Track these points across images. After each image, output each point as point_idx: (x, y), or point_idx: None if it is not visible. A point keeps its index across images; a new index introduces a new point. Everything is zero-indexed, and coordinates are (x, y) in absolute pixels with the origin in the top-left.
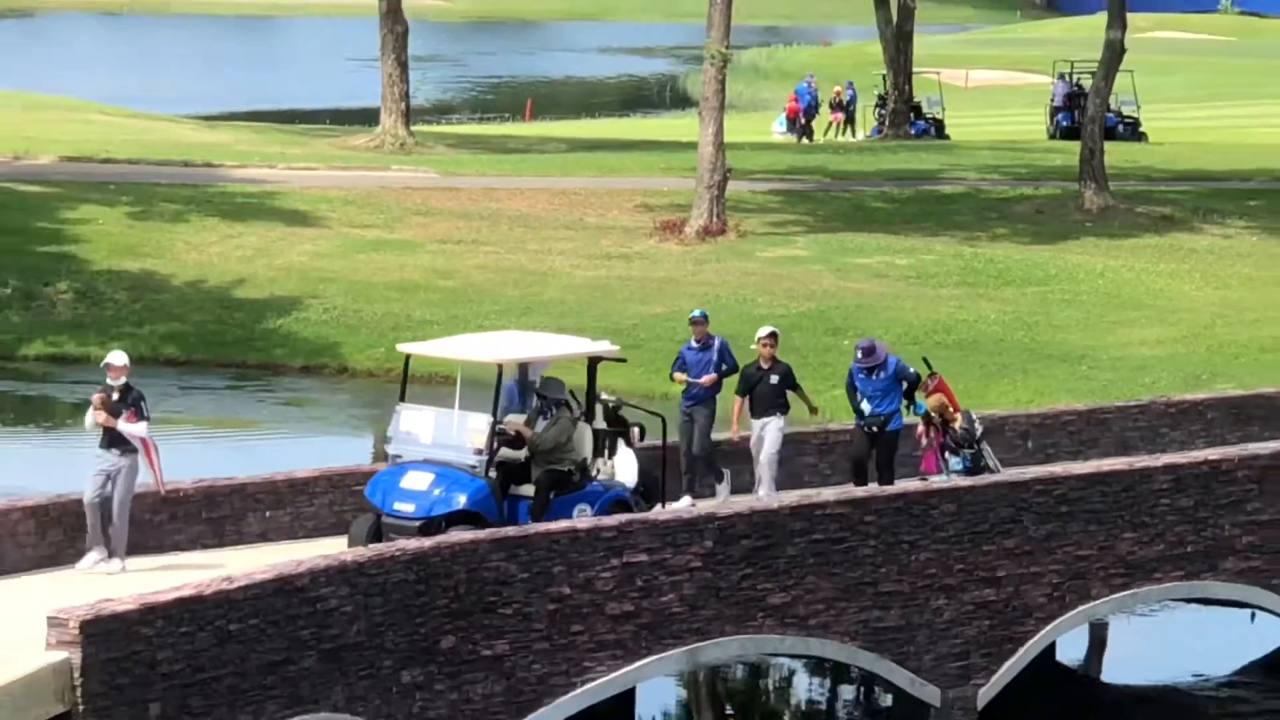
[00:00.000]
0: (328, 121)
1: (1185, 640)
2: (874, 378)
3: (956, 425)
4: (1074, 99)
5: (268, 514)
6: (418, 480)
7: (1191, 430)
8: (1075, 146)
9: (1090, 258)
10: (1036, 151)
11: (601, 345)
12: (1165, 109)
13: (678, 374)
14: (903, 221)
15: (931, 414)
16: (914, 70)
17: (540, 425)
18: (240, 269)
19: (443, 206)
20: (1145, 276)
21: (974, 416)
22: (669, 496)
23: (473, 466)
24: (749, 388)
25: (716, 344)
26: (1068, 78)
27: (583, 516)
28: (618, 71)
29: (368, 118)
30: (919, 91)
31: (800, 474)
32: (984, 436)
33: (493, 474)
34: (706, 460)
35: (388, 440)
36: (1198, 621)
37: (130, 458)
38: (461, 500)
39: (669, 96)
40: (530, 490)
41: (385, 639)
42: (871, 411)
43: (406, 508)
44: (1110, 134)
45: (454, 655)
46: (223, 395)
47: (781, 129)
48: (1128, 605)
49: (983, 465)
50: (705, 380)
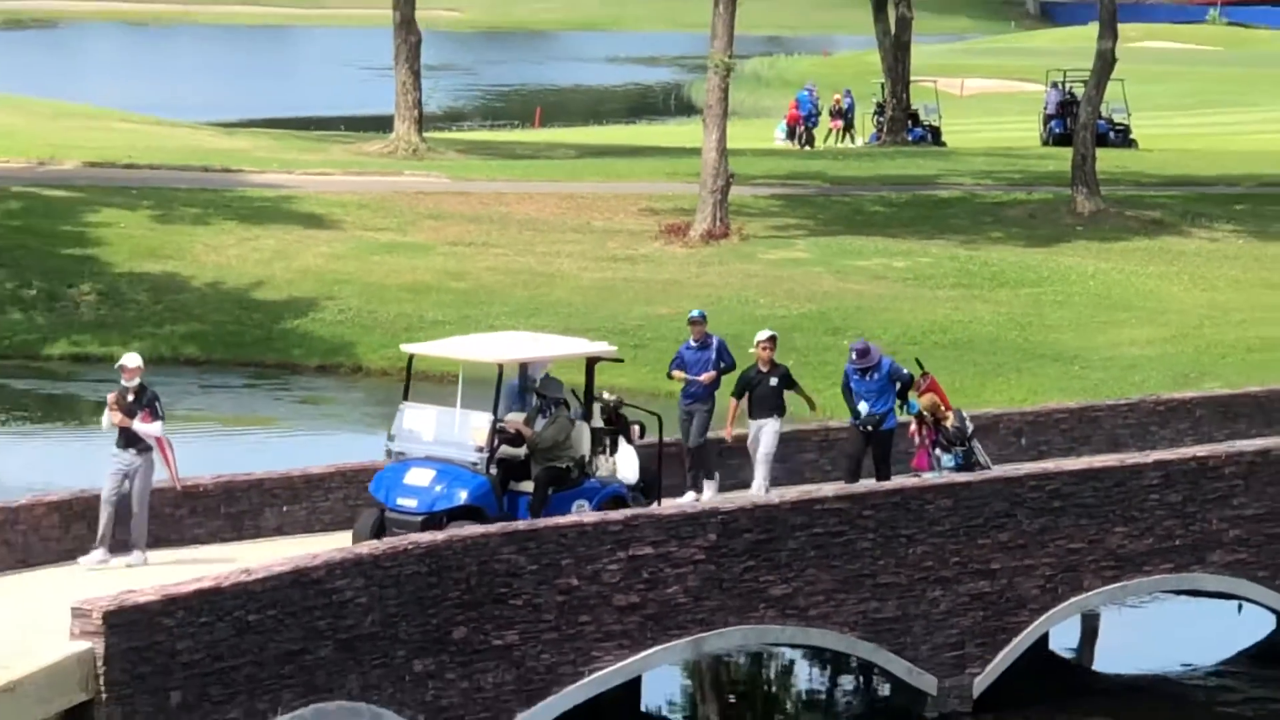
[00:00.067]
0: (343, 128)
1: (1174, 631)
2: (868, 378)
3: (948, 424)
4: (1066, 107)
5: (284, 509)
6: (420, 477)
7: (1180, 428)
8: (1067, 153)
9: (1082, 260)
10: (1030, 157)
11: (599, 346)
12: (1155, 116)
13: (676, 372)
14: (900, 225)
15: (924, 413)
16: (911, 79)
17: (539, 424)
18: (258, 271)
19: (454, 210)
20: (1135, 278)
21: (965, 415)
22: (669, 492)
23: (474, 463)
24: (748, 390)
25: (715, 343)
26: (1060, 86)
27: (581, 512)
28: (624, 80)
29: (382, 124)
30: (916, 99)
31: (801, 470)
32: (975, 434)
33: (493, 471)
34: (701, 455)
35: (391, 438)
36: (1186, 613)
37: (146, 456)
38: (463, 496)
39: (674, 104)
40: (530, 486)
41: (399, 629)
42: (868, 412)
43: (409, 503)
44: (1101, 140)
45: (465, 645)
46: (241, 393)
47: (783, 136)
48: (1118, 597)
49: (974, 462)
50: (704, 378)
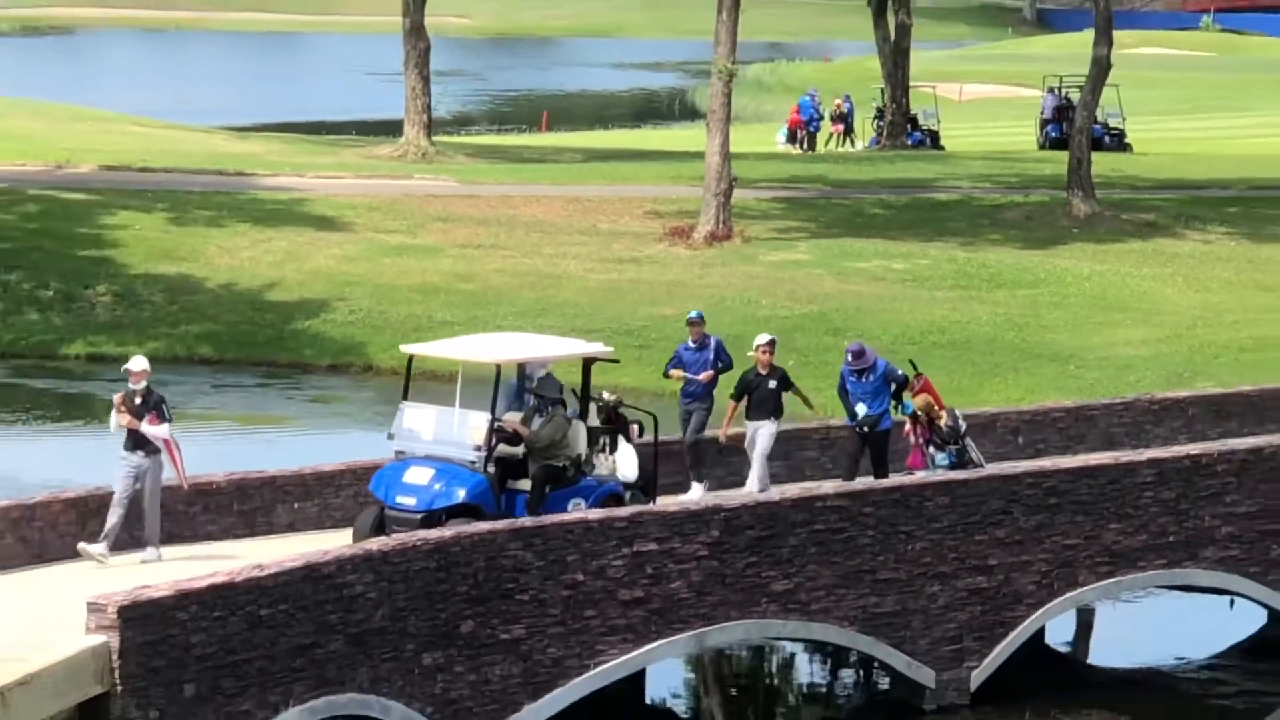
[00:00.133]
0: (354, 132)
1: (1168, 625)
2: (864, 380)
3: (942, 423)
4: (1062, 111)
5: (296, 505)
6: (419, 475)
7: (1174, 426)
8: (1064, 156)
9: (1078, 262)
10: (1027, 161)
11: (595, 347)
12: (1149, 121)
13: (674, 371)
14: (900, 228)
15: (918, 413)
16: (911, 84)
17: (536, 423)
18: (271, 272)
19: (463, 213)
20: (1130, 280)
21: (958, 414)
22: (668, 490)
23: (472, 462)
24: (746, 392)
25: (713, 343)
26: (1057, 91)
27: (577, 510)
28: (629, 85)
29: (392, 129)
30: (915, 104)
31: (802, 468)
32: (968, 432)
33: (491, 469)
34: (697, 454)
35: (390, 436)
36: (1180, 608)
37: (155, 458)
38: (461, 494)
39: (678, 109)
40: (527, 485)
41: (408, 623)
42: (865, 413)
43: (408, 501)
44: (1097, 145)
45: (473, 639)
46: (254, 393)
47: (784, 140)
48: (1113, 592)
49: (967, 460)
50: (703, 377)
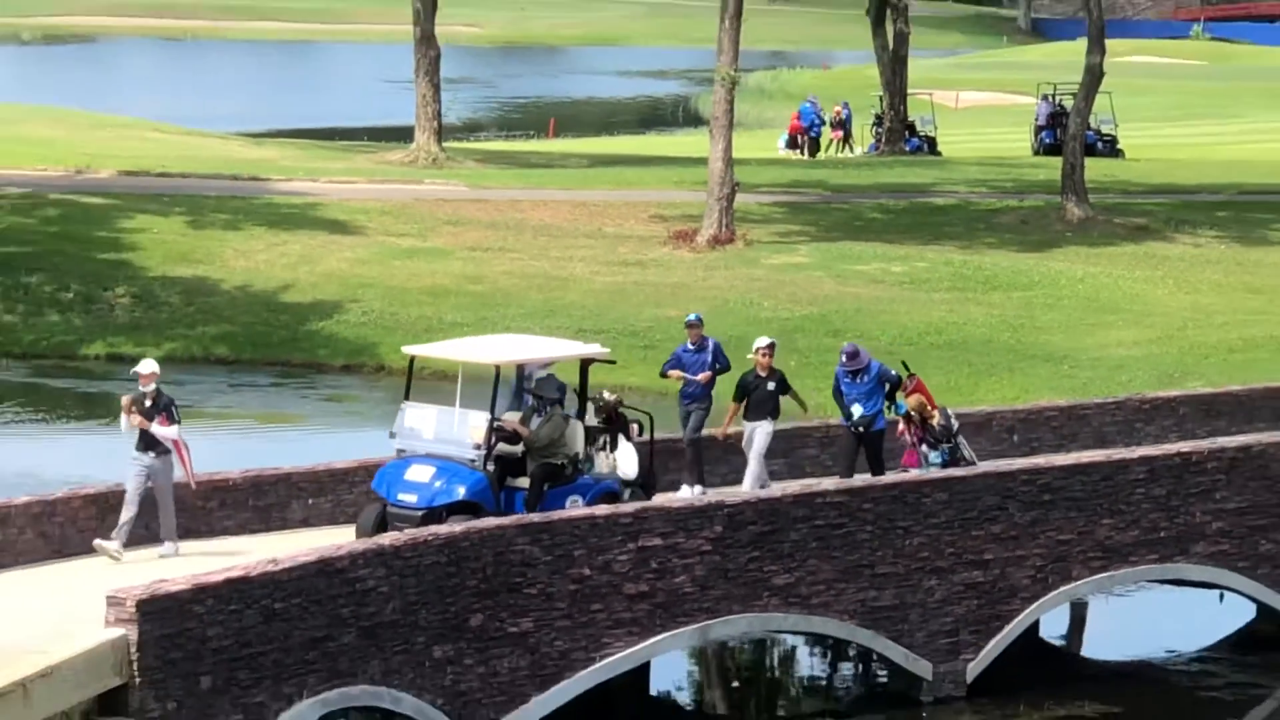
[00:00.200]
0: (366, 138)
1: (1159, 619)
2: (858, 381)
3: (934, 422)
4: (1056, 118)
5: (310, 501)
6: (420, 473)
7: (1164, 425)
8: (1057, 162)
9: (1071, 265)
10: (1022, 167)
11: (592, 348)
12: (1141, 127)
13: (672, 371)
14: (898, 231)
15: (911, 413)
16: (908, 91)
17: (535, 423)
18: (285, 275)
19: (472, 217)
20: (1122, 282)
21: (950, 413)
22: (665, 486)
23: (472, 460)
24: (745, 394)
25: (710, 345)
26: (1051, 99)
27: (575, 506)
28: (635, 92)
29: (403, 135)
30: (913, 111)
31: (802, 465)
32: (960, 431)
33: (490, 467)
34: (696, 452)
35: (392, 435)
36: (1170, 601)
37: (165, 458)
38: (461, 492)
39: (682, 116)
40: (526, 482)
41: (419, 617)
42: (860, 414)
43: (410, 498)
44: (1090, 150)
45: (482, 632)
46: (269, 392)
47: (784, 146)
48: (1106, 586)
49: (959, 457)
50: (701, 378)
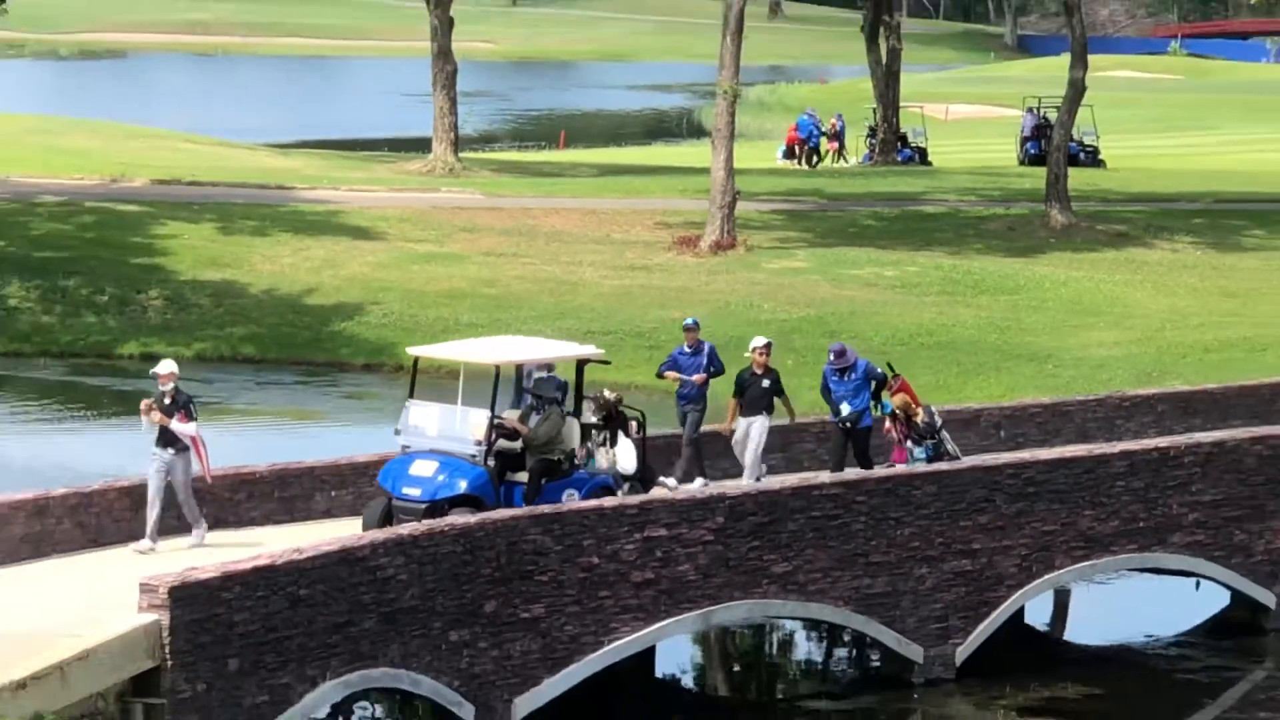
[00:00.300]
0: (386, 149)
1: (1138, 605)
2: (846, 378)
3: (919, 419)
4: (1041, 130)
5: (333, 493)
6: (424, 468)
7: (1144, 421)
8: (1042, 172)
9: (1055, 269)
10: (1008, 176)
11: (588, 349)
12: (1122, 139)
13: (668, 373)
14: (891, 237)
15: (896, 411)
16: (901, 104)
17: (534, 420)
18: (309, 279)
19: (487, 224)
20: (1103, 286)
21: (934, 410)
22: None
23: (473, 456)
24: (741, 390)
25: (706, 348)
26: (1036, 111)
27: (571, 500)
28: (641, 105)
29: (421, 146)
30: (905, 123)
31: (800, 459)
32: (943, 427)
33: (491, 463)
34: (694, 450)
35: (397, 432)
36: (1149, 589)
37: (184, 454)
38: (463, 486)
39: (686, 127)
40: (525, 477)
41: (436, 603)
42: (849, 411)
43: (414, 492)
44: (1073, 161)
45: (496, 617)
46: (294, 389)
47: (782, 156)
48: (1087, 574)
49: (943, 452)
50: (696, 379)
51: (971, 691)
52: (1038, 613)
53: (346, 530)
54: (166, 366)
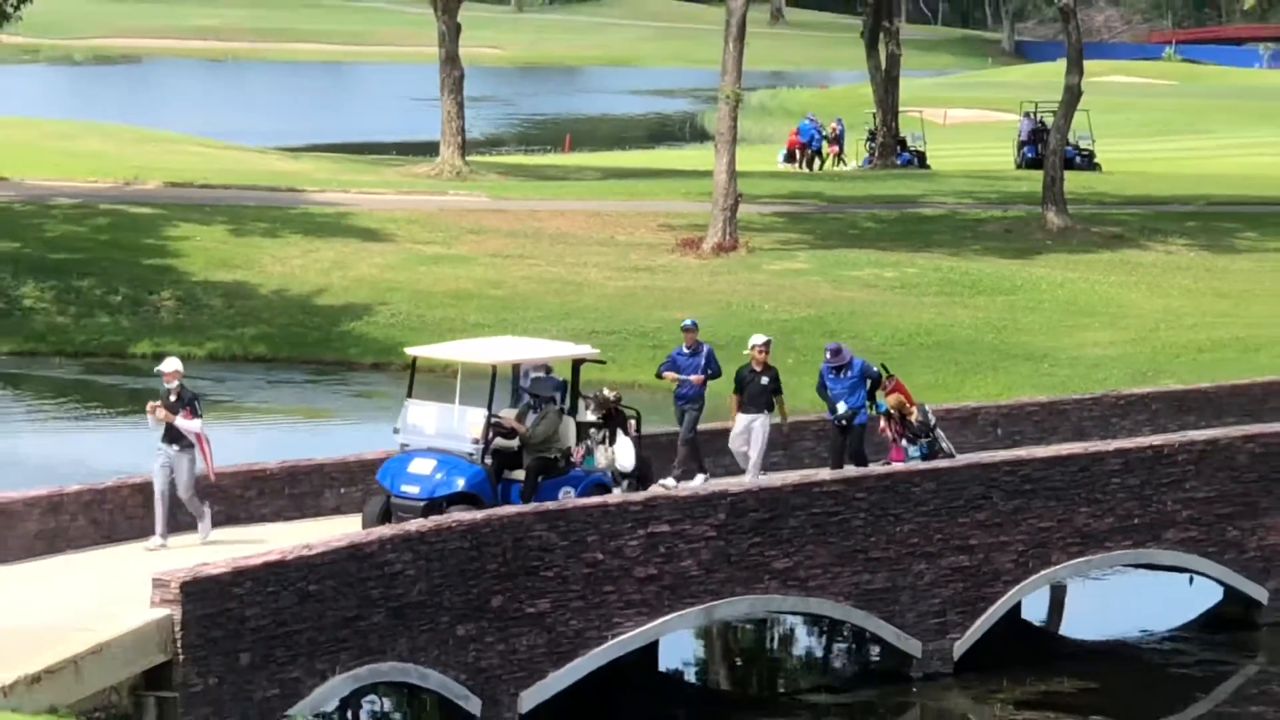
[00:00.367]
0: (394, 153)
1: (1133, 601)
2: (842, 376)
3: (913, 418)
4: (1038, 134)
5: (342, 490)
6: (422, 466)
7: (1138, 419)
8: (1039, 175)
9: (1051, 271)
10: (1005, 179)
11: (583, 349)
12: (1116, 143)
13: (667, 373)
14: (890, 239)
15: (891, 410)
16: (900, 109)
17: (530, 419)
18: (319, 279)
19: (493, 226)
20: (1099, 287)
21: (927, 409)
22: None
23: (470, 454)
24: (742, 387)
25: (705, 350)
26: (1032, 116)
27: (567, 497)
28: (645, 110)
29: (429, 149)
30: (904, 128)
31: (801, 457)
32: (937, 425)
33: (488, 461)
34: (692, 448)
35: (396, 431)
36: (1143, 584)
37: (188, 450)
38: (460, 483)
39: (689, 132)
40: (521, 475)
41: (443, 598)
42: (845, 409)
43: (412, 489)
44: (1069, 164)
45: (502, 612)
46: (304, 388)
47: (783, 160)
48: (1083, 570)
49: (937, 450)
50: (695, 379)
51: (969, 685)
52: (1034, 608)
53: (356, 527)
54: (171, 364)
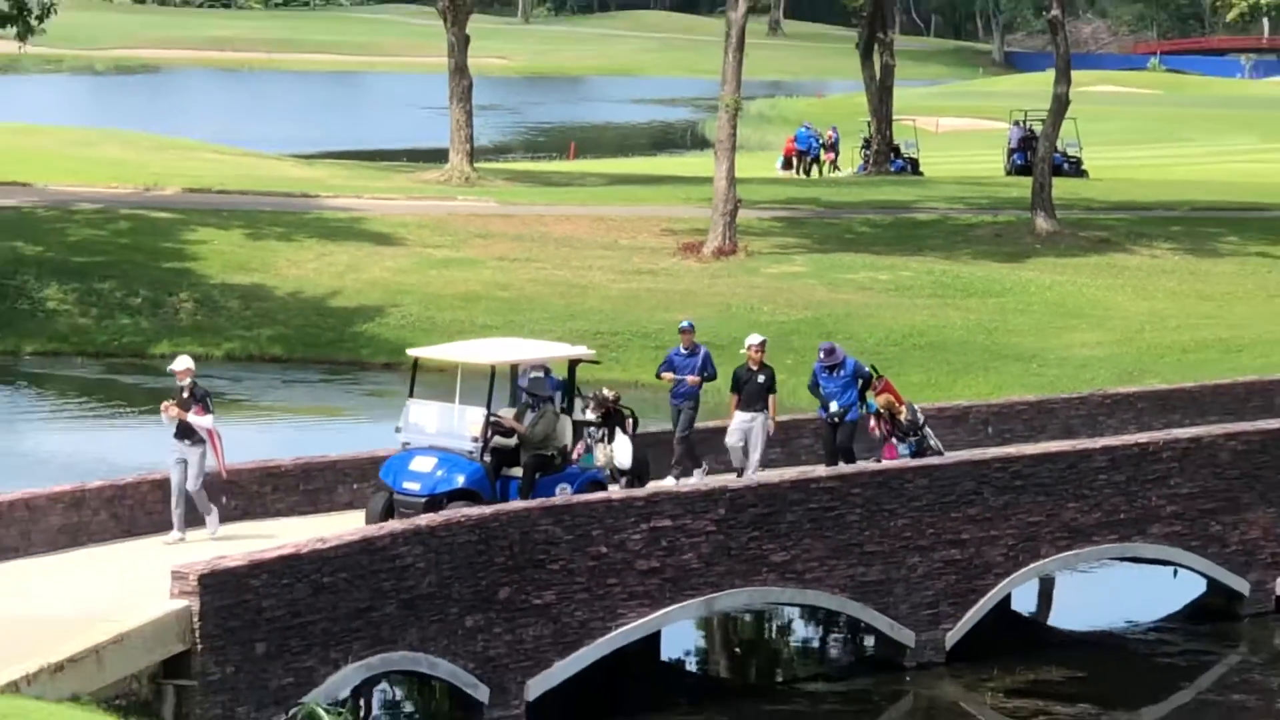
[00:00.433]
0: (405, 159)
1: (1119, 593)
2: (834, 375)
3: (902, 417)
4: (1027, 142)
5: (355, 486)
6: (423, 464)
7: (1124, 418)
8: (1028, 181)
9: (1040, 274)
10: (996, 185)
11: (579, 350)
12: (1103, 150)
13: (665, 374)
14: (884, 244)
15: (881, 410)
16: (894, 117)
17: (528, 418)
18: (333, 282)
19: (501, 230)
20: (1086, 290)
21: (916, 408)
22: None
23: (470, 452)
24: (739, 386)
25: (702, 352)
26: (1022, 124)
27: (563, 494)
28: (647, 118)
29: (438, 156)
30: (898, 135)
31: (798, 454)
32: (925, 423)
33: (487, 458)
34: (688, 446)
35: (398, 430)
36: (1129, 577)
37: (200, 446)
38: (460, 480)
39: (690, 139)
40: (519, 472)
41: (452, 590)
42: (837, 407)
43: (414, 486)
44: (1057, 171)
45: (510, 603)
46: (317, 387)
47: (781, 167)
48: (1071, 563)
49: (926, 448)
50: (691, 380)
51: (961, 674)
52: (1024, 599)
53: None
54: (183, 363)
